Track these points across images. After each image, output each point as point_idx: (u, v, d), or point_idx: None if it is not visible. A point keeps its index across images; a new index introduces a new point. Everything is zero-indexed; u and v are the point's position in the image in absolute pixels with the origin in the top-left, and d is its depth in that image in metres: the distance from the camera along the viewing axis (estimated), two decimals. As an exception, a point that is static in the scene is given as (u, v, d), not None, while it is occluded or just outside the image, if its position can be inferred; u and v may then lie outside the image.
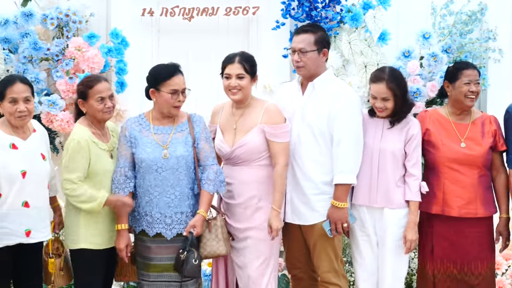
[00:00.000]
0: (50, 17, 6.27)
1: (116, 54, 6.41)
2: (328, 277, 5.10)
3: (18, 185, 4.70)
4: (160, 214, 4.87)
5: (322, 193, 5.03)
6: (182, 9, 6.89)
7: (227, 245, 4.90)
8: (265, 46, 6.75)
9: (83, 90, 4.87)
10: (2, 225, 4.69)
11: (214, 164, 4.88)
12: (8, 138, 4.73)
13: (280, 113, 4.99)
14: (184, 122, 4.90)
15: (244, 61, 4.96)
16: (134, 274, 5.12)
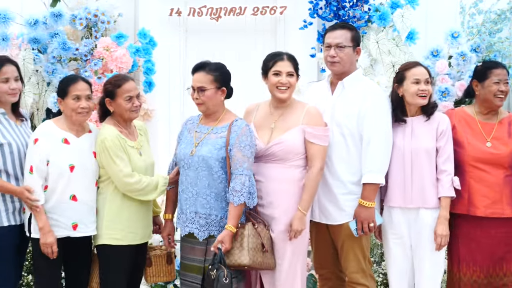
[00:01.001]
0: (79, 18, 6.32)
1: (144, 54, 6.45)
2: (356, 278, 5.07)
3: (66, 179, 4.78)
4: (180, 210, 4.91)
5: (350, 193, 5.01)
6: (210, 9, 6.90)
7: (254, 255, 4.76)
8: (292, 45, 6.73)
9: (111, 89, 4.90)
10: (51, 217, 4.79)
11: (243, 175, 4.76)
12: (61, 133, 4.84)
13: (321, 116, 4.95)
14: (225, 125, 4.87)
15: (292, 60, 4.96)
16: (169, 274, 5.14)
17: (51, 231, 4.78)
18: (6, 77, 4.92)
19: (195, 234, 4.82)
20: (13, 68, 4.98)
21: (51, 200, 4.79)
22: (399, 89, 5.05)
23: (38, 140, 4.79)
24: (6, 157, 4.85)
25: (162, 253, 5.15)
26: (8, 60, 5.06)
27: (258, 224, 4.86)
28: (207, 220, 4.80)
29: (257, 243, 4.79)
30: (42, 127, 4.90)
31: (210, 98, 4.84)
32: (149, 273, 5.15)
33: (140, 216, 4.95)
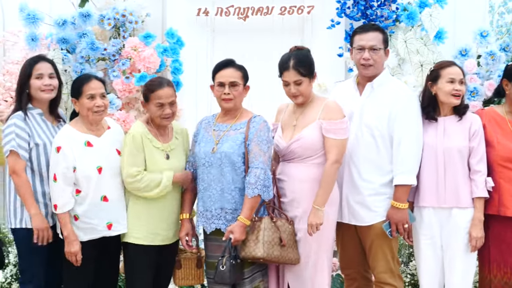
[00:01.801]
0: (107, 18, 6.35)
1: (172, 54, 6.46)
2: (384, 278, 5.06)
3: (96, 181, 4.81)
4: (203, 208, 4.91)
5: (379, 193, 4.99)
6: (237, 9, 6.91)
7: (270, 249, 4.77)
8: (319, 45, 6.72)
9: (145, 92, 4.93)
10: (85, 221, 4.82)
11: (259, 168, 4.78)
12: (83, 137, 4.85)
13: (338, 109, 4.92)
14: (243, 121, 4.90)
15: (298, 66, 4.87)
16: (198, 278, 5.15)
17: (76, 240, 4.80)
18: (40, 73, 4.96)
19: (222, 229, 4.83)
20: (48, 65, 5.02)
21: (83, 204, 4.82)
22: (433, 88, 5.02)
23: (61, 149, 4.79)
24: (40, 159, 4.89)
25: (192, 256, 5.15)
26: (43, 57, 5.11)
27: (279, 219, 4.88)
28: (233, 215, 4.82)
29: (274, 237, 4.81)
30: (63, 133, 4.89)
31: (240, 94, 4.88)
32: (178, 275, 5.15)
33: (163, 217, 4.95)
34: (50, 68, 5.02)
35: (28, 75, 4.96)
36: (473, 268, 5.09)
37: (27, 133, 4.86)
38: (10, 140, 4.84)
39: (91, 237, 4.84)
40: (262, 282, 4.95)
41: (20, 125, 4.86)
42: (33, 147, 4.88)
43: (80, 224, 4.81)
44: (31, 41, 6.28)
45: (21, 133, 4.85)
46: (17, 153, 4.82)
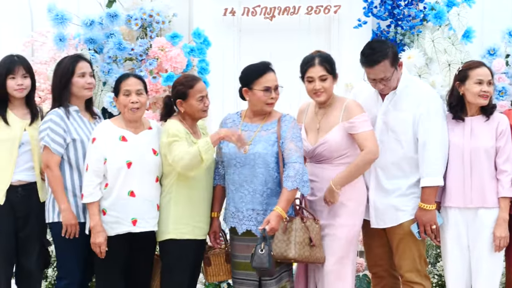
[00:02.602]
0: (134, 18, 6.38)
1: (198, 54, 6.49)
2: (411, 277, 5.05)
3: (124, 175, 4.84)
4: (234, 208, 4.91)
5: (406, 194, 4.99)
6: (264, 9, 6.91)
7: (301, 249, 4.78)
8: (346, 44, 6.72)
9: (183, 90, 4.93)
10: (111, 214, 4.86)
11: (297, 162, 4.79)
12: (119, 131, 4.91)
13: (358, 106, 4.93)
14: (273, 121, 4.91)
15: (324, 62, 4.93)
16: (228, 273, 5.15)
17: (102, 231, 4.83)
18: (83, 71, 5.04)
19: (253, 231, 4.84)
20: (88, 64, 5.11)
21: (110, 197, 4.86)
22: (460, 88, 5.00)
23: (95, 140, 4.87)
24: (78, 154, 4.96)
25: (221, 252, 5.16)
26: (83, 57, 5.18)
27: (307, 219, 4.88)
28: (264, 216, 4.82)
29: (305, 237, 4.82)
30: (100, 127, 4.98)
31: (278, 96, 4.91)
32: (209, 272, 5.16)
33: (202, 212, 4.98)
34: (89, 67, 5.11)
35: (71, 73, 5.03)
36: (499, 269, 5.05)
37: (62, 129, 4.93)
38: (44, 135, 4.92)
39: (117, 232, 4.86)
40: (288, 282, 4.95)
41: (56, 121, 4.93)
42: (70, 143, 4.95)
43: (107, 218, 4.85)
44: (59, 41, 6.33)
45: (56, 129, 4.92)
46: (50, 148, 4.89)
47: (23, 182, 5.09)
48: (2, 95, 5.08)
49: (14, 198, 5.06)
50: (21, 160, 5.08)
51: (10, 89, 5.07)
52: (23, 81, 5.08)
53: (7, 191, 5.05)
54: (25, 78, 5.09)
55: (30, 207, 5.09)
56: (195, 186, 4.93)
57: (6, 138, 5.05)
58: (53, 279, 6.10)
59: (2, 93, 5.08)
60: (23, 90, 5.09)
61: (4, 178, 5.05)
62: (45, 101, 6.19)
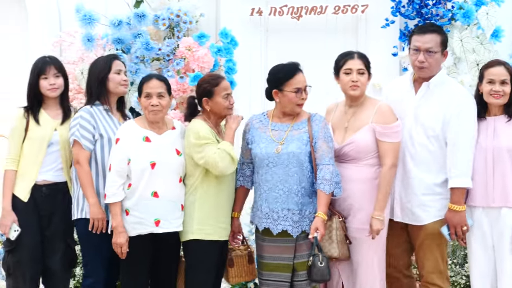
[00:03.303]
0: (162, 18, 6.41)
1: (225, 54, 6.49)
2: (432, 278, 5.02)
3: (147, 176, 4.86)
4: (268, 209, 4.90)
5: (433, 193, 4.96)
6: (291, 8, 6.90)
7: (342, 248, 4.83)
8: (374, 44, 6.69)
9: (209, 88, 4.95)
10: (134, 214, 4.88)
11: (330, 164, 4.80)
12: (142, 132, 4.93)
13: (392, 113, 4.93)
14: (303, 121, 4.91)
15: (363, 58, 4.95)
16: (251, 274, 5.15)
17: (123, 231, 4.85)
18: (119, 68, 5.11)
19: (288, 231, 4.84)
20: (122, 63, 5.20)
21: (133, 197, 4.87)
22: (480, 87, 5.00)
23: (119, 140, 4.89)
24: (104, 151, 5.00)
25: (243, 253, 5.17)
26: (117, 56, 5.25)
27: (342, 218, 4.90)
28: (300, 216, 4.82)
29: (343, 236, 4.85)
30: (124, 127, 4.99)
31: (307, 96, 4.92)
32: (232, 273, 5.16)
33: (225, 213, 4.98)
34: (124, 66, 5.20)
35: (108, 69, 5.08)
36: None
37: (92, 125, 4.98)
38: (74, 131, 4.97)
39: (139, 232, 4.88)
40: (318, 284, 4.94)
41: (86, 117, 4.99)
42: (98, 139, 4.99)
43: (130, 218, 4.86)
44: (87, 41, 6.37)
45: (86, 125, 4.97)
46: (80, 143, 4.93)
47: (48, 182, 5.13)
48: (36, 95, 5.14)
49: (38, 197, 5.10)
50: (48, 160, 5.12)
51: (43, 89, 5.12)
52: (55, 80, 5.13)
53: (32, 189, 5.10)
54: (57, 78, 5.15)
55: (54, 207, 5.13)
56: (219, 187, 4.93)
57: (35, 137, 5.09)
58: (80, 278, 6.13)
59: (36, 94, 5.14)
60: (56, 89, 5.14)
61: (29, 176, 5.10)
62: (73, 100, 6.23)
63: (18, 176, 5.11)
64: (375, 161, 4.92)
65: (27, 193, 5.08)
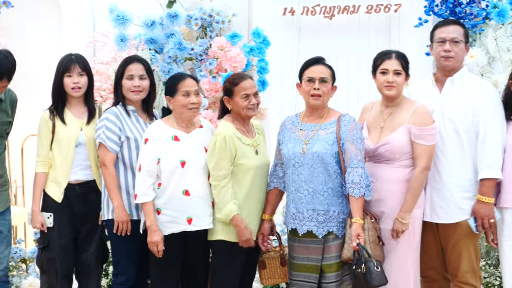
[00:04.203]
0: (194, 18, 6.42)
1: (258, 53, 6.50)
2: (466, 277, 4.99)
3: (178, 175, 4.88)
4: (295, 209, 4.89)
5: (465, 190, 4.93)
6: (323, 8, 6.89)
7: (374, 249, 4.79)
8: (407, 44, 6.65)
9: (229, 87, 4.97)
10: (166, 213, 4.90)
11: (359, 167, 4.76)
12: (171, 131, 4.94)
13: (429, 115, 4.90)
14: (332, 121, 4.88)
15: (401, 58, 4.93)
16: (284, 276, 5.15)
17: (158, 230, 4.87)
18: (131, 74, 5.09)
19: (313, 231, 4.82)
20: (140, 67, 5.14)
21: (164, 196, 4.89)
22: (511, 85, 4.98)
23: (148, 140, 4.90)
24: (132, 153, 5.02)
25: (276, 255, 5.16)
26: (136, 58, 5.23)
27: (374, 219, 4.87)
28: (325, 216, 4.80)
29: (375, 237, 4.82)
30: (152, 127, 5.00)
31: (328, 92, 4.88)
32: (264, 275, 5.17)
33: (256, 214, 4.98)
34: (142, 69, 5.13)
35: (121, 75, 5.10)
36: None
37: (118, 127, 5.00)
38: (100, 133, 5.00)
39: (172, 231, 4.89)
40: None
41: (111, 119, 5.00)
42: (124, 141, 5.02)
43: (162, 217, 4.88)
44: (120, 41, 6.40)
45: (111, 127, 4.99)
46: (106, 145, 4.96)
47: (80, 181, 5.17)
48: (60, 93, 5.16)
49: (72, 197, 5.14)
50: (77, 160, 5.15)
51: (67, 87, 5.14)
52: (79, 79, 5.14)
53: (65, 189, 5.13)
54: (81, 76, 5.15)
55: (87, 205, 5.17)
56: (247, 188, 4.93)
57: (63, 138, 5.12)
58: (114, 276, 6.19)
59: (60, 92, 5.16)
60: (78, 89, 5.15)
61: (62, 177, 5.13)
62: (106, 100, 6.27)
63: (51, 178, 5.16)
64: (409, 163, 4.89)
65: (61, 194, 5.12)
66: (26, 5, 7.05)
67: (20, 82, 5.71)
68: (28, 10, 7.10)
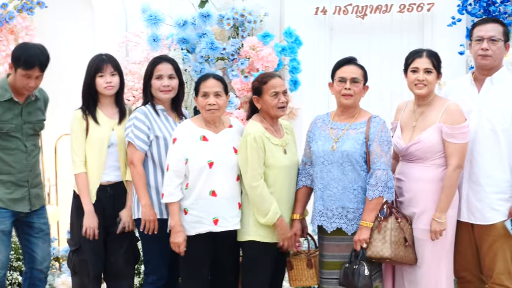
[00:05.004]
0: (226, 18, 6.43)
1: (290, 53, 6.49)
2: (501, 279, 4.95)
3: (205, 175, 4.88)
4: (322, 206, 4.88)
5: (501, 191, 4.89)
6: (355, 7, 6.87)
7: (396, 249, 4.76)
8: (440, 43, 6.61)
9: (257, 86, 4.97)
10: (192, 213, 4.91)
11: (381, 169, 4.75)
12: (199, 131, 4.94)
13: (460, 113, 4.86)
14: (362, 121, 4.88)
15: (432, 56, 4.90)
16: (311, 279, 5.13)
17: (181, 231, 4.87)
18: (160, 74, 5.10)
19: (343, 228, 4.82)
20: (168, 66, 5.15)
21: (191, 197, 4.89)
22: None
23: (176, 140, 4.91)
24: (161, 152, 5.03)
25: (303, 257, 5.14)
26: (165, 58, 5.25)
27: (401, 219, 4.84)
28: (355, 214, 4.80)
29: (400, 237, 4.79)
30: (181, 127, 5.00)
31: (360, 92, 4.87)
32: (291, 276, 5.15)
33: (286, 214, 4.97)
34: (171, 69, 5.14)
35: (150, 75, 5.11)
36: None
37: (146, 126, 5.02)
38: (129, 132, 5.03)
39: (198, 231, 4.90)
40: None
41: (140, 118, 5.02)
42: (154, 140, 5.03)
43: (188, 217, 4.89)
44: (153, 41, 6.43)
45: (140, 126, 5.01)
46: (134, 144, 4.98)
47: (112, 182, 5.19)
48: (92, 94, 5.19)
49: (104, 198, 5.16)
50: (109, 160, 5.17)
51: (99, 87, 5.16)
52: (111, 78, 5.16)
53: (97, 190, 5.16)
54: (113, 76, 5.18)
55: (118, 206, 5.19)
56: (277, 187, 4.92)
57: (96, 138, 5.14)
58: (146, 276, 6.22)
59: (92, 92, 5.18)
60: (112, 87, 5.17)
61: (94, 178, 5.16)
62: (138, 100, 6.30)
63: None
64: (442, 162, 4.86)
65: (93, 195, 5.14)
66: (60, 5, 7.11)
67: (53, 82, 5.76)
68: (62, 11, 7.16)
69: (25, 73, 4.97)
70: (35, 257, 5.30)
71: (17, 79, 5.02)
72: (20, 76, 4.99)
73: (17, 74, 5.00)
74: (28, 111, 5.17)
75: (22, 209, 5.18)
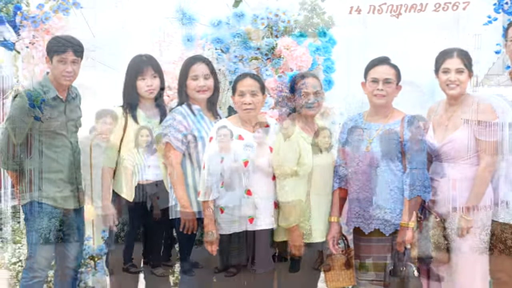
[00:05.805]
0: (260, 17, 6.43)
1: (324, 53, 6.47)
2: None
3: (240, 174, 4.91)
4: (359, 208, 4.88)
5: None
6: (390, 6, 6.82)
7: (439, 248, 4.78)
8: (475, 42, 6.54)
9: (292, 85, 4.97)
10: (228, 212, 4.95)
11: (417, 168, 4.76)
12: (236, 130, 4.98)
13: (491, 110, 4.83)
14: (396, 121, 4.86)
15: (463, 55, 4.87)
16: (348, 279, 5.13)
17: (214, 229, 4.92)
18: (195, 74, 5.13)
19: (381, 229, 4.80)
20: (203, 67, 5.18)
21: (226, 196, 4.93)
22: None
23: (212, 139, 4.91)
24: (198, 151, 5.05)
25: (341, 258, 5.14)
26: (199, 58, 5.26)
27: (440, 218, 4.87)
28: (392, 214, 4.79)
29: (440, 236, 4.78)
30: (217, 126, 5.02)
31: (393, 92, 4.86)
32: (328, 277, 5.17)
33: (322, 214, 4.96)
34: (206, 69, 5.17)
35: (185, 75, 5.13)
36: None
37: (184, 126, 5.05)
38: (166, 132, 5.03)
39: (234, 230, 4.92)
40: None
41: (178, 119, 5.06)
42: (191, 140, 5.04)
43: (224, 216, 4.91)
44: (187, 41, 6.44)
45: (178, 126, 5.04)
46: (172, 144, 4.99)
47: (150, 181, 5.21)
48: (132, 95, 5.21)
49: (142, 196, 5.18)
50: (148, 160, 5.19)
51: (140, 90, 5.19)
52: (152, 81, 5.19)
53: (136, 189, 5.18)
54: (155, 78, 5.21)
55: (156, 205, 5.20)
56: (312, 188, 4.91)
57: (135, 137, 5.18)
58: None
59: (132, 94, 5.20)
60: (153, 91, 5.20)
61: (133, 176, 5.18)
62: (173, 100, 6.31)
63: (122, 177, 5.21)
64: (475, 160, 4.84)
65: (132, 193, 5.17)
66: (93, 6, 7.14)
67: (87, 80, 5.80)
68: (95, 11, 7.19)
69: (59, 58, 4.99)
70: (67, 255, 5.34)
71: (54, 69, 5.03)
72: (57, 64, 5.01)
73: (53, 64, 5.02)
74: (70, 108, 5.22)
75: (71, 206, 5.22)
